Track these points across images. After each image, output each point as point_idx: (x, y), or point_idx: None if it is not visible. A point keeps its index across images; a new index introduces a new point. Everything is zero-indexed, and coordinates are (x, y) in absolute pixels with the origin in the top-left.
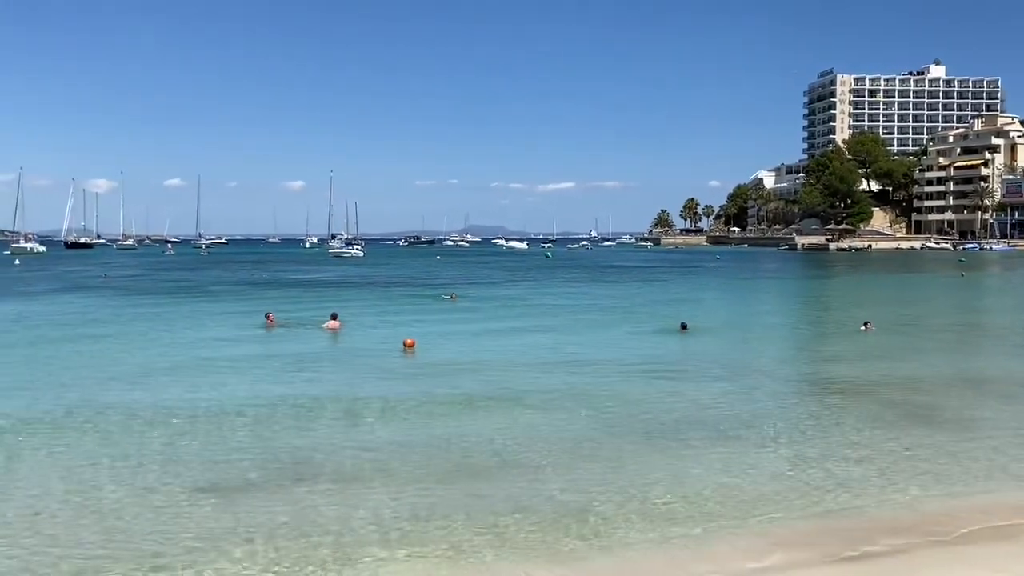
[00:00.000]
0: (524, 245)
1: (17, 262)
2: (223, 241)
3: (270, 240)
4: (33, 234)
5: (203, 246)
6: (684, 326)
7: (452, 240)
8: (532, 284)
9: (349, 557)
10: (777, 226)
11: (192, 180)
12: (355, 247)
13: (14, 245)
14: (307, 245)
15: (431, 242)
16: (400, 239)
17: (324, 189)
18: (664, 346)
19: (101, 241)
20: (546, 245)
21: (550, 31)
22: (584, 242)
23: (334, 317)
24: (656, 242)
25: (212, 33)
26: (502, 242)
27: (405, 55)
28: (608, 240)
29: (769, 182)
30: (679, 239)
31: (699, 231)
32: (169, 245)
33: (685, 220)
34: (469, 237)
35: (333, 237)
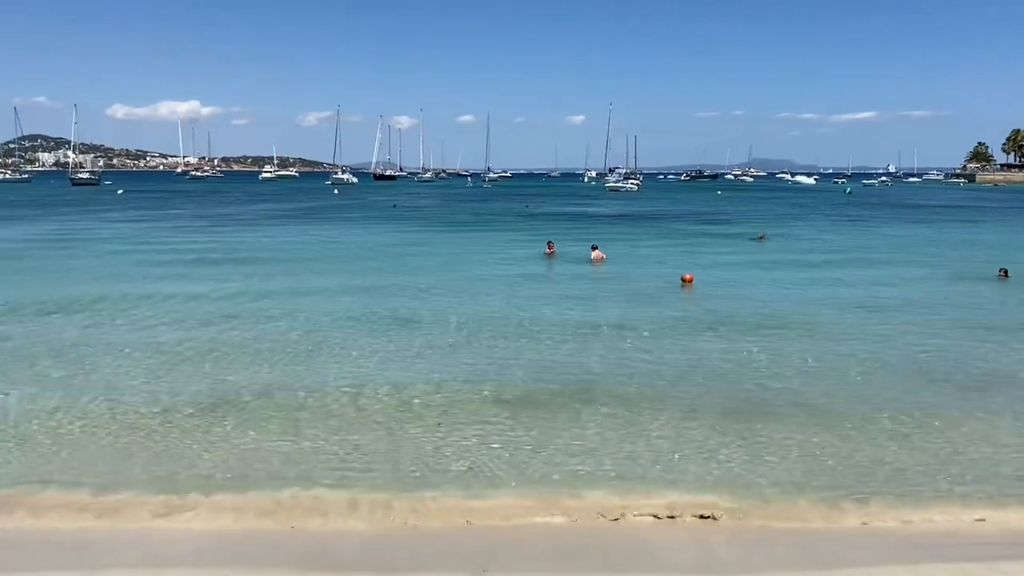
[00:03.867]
0: (812, 180)
1: (336, 192)
2: (508, 175)
3: (551, 174)
4: (347, 167)
5: (487, 179)
6: (1005, 272)
7: (734, 174)
8: (829, 223)
9: (624, 482)
10: None
11: (483, 116)
12: (631, 181)
13: (334, 176)
14: (585, 179)
15: (714, 176)
16: (681, 173)
17: (604, 123)
18: (979, 294)
19: (403, 173)
20: (840, 180)
21: None
22: (883, 178)
23: (595, 248)
24: (970, 179)
25: None
26: (787, 177)
27: None
28: (913, 176)
29: None
30: (999, 176)
31: None
32: (469, 178)
33: (1008, 155)
34: (752, 171)
35: (611, 171)
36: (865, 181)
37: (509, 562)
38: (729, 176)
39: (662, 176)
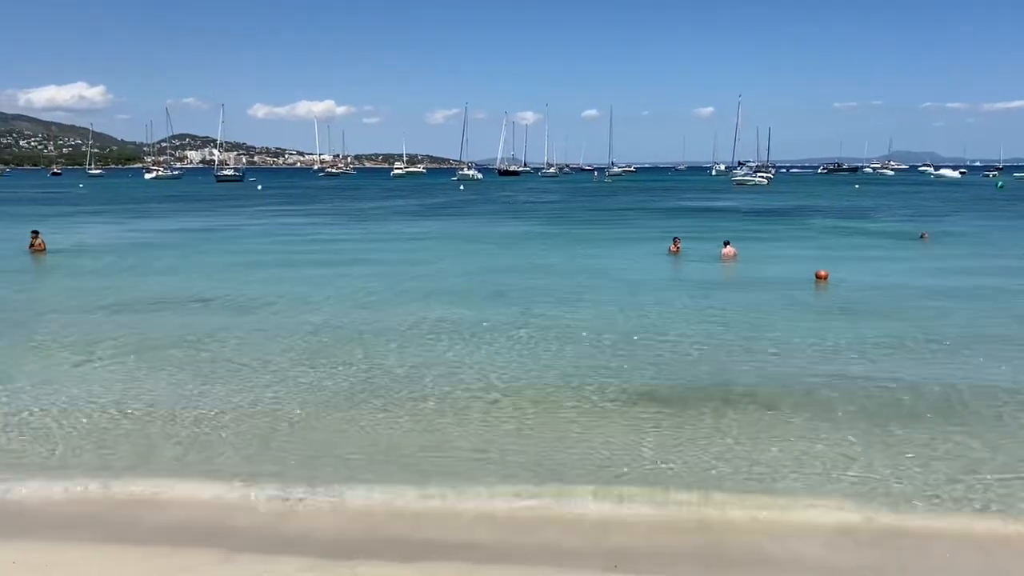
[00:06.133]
0: (957, 174)
1: (462, 187)
2: (632, 169)
3: (677, 168)
4: (473, 163)
5: (608, 174)
6: None
7: (872, 167)
8: (984, 219)
9: (764, 484)
10: None
11: (607, 111)
12: (760, 175)
13: (460, 172)
14: (713, 172)
15: (853, 169)
16: (817, 166)
17: (734, 115)
18: None
19: (527, 169)
20: (992, 174)
21: None
22: None
23: (727, 244)
24: None
25: None
26: (930, 170)
27: None
28: None
29: None
30: None
31: None
32: (595, 173)
33: None
34: (893, 164)
35: (740, 164)
36: (1017, 174)
37: (640, 560)
38: (868, 169)
39: (795, 169)
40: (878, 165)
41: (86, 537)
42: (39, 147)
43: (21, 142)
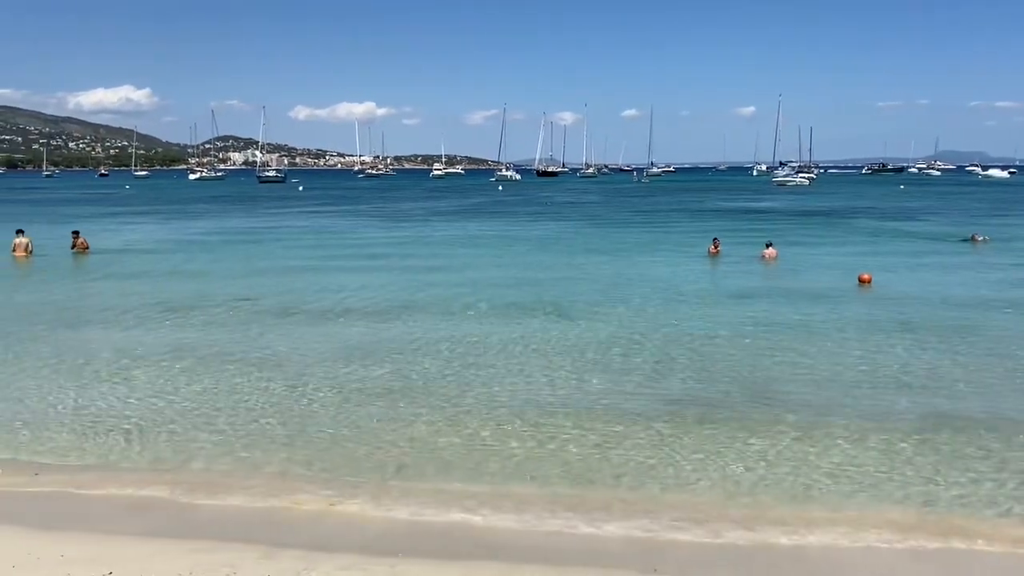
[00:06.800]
0: (1006, 174)
1: (500, 188)
2: (671, 169)
3: (718, 168)
4: (511, 163)
5: (646, 174)
6: None
7: (918, 167)
8: None
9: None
10: None
11: (647, 110)
12: (801, 175)
13: (498, 173)
14: (754, 173)
15: (899, 170)
16: (862, 166)
17: (775, 114)
18: None
19: (565, 170)
20: None
21: None
22: None
23: (769, 245)
24: None
25: None
26: (978, 170)
27: None
28: None
29: None
30: None
31: None
32: (634, 173)
33: None
34: (939, 164)
35: (781, 165)
36: None
37: (681, 566)
38: (913, 169)
39: (836, 170)
40: (924, 165)
41: (131, 531)
42: (87, 149)
43: (70, 144)
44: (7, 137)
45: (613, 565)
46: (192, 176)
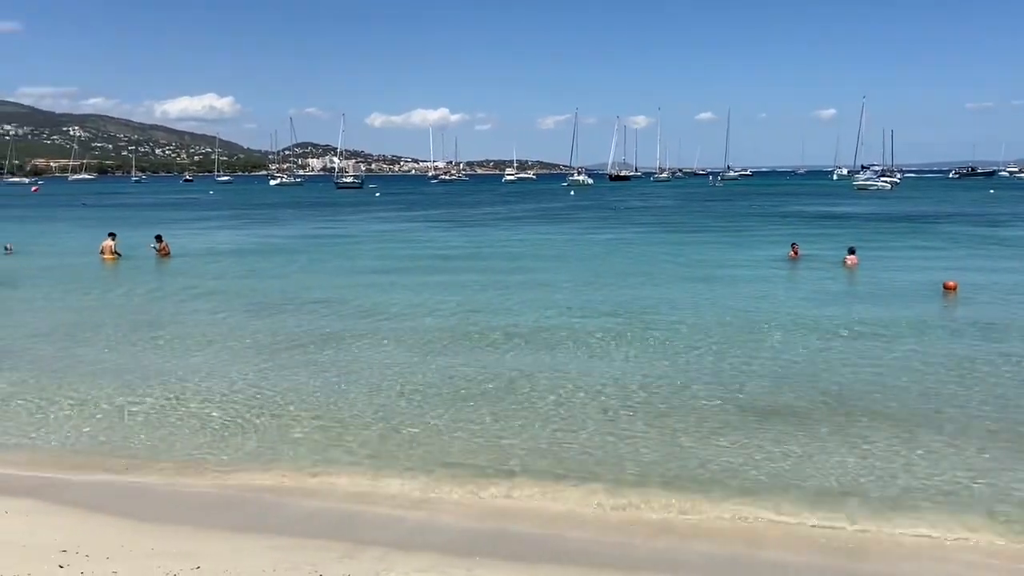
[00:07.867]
0: None
1: (572, 193)
2: (748, 173)
3: (796, 172)
4: (583, 168)
5: (721, 178)
6: None
7: (1009, 171)
8: None
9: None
10: None
11: (723, 113)
12: (883, 179)
13: (570, 178)
14: (834, 177)
15: (989, 174)
16: (949, 171)
17: (857, 117)
18: None
19: (638, 174)
20: None
21: None
22: None
23: (851, 252)
24: None
25: None
26: None
27: None
28: None
29: None
30: None
31: None
32: (710, 177)
33: None
34: None
35: (863, 168)
36: None
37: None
38: (1004, 173)
39: (915, 174)
40: (1016, 169)
41: (218, 525)
42: (172, 155)
43: (157, 150)
44: (99, 144)
45: (694, 572)
46: (273, 182)
